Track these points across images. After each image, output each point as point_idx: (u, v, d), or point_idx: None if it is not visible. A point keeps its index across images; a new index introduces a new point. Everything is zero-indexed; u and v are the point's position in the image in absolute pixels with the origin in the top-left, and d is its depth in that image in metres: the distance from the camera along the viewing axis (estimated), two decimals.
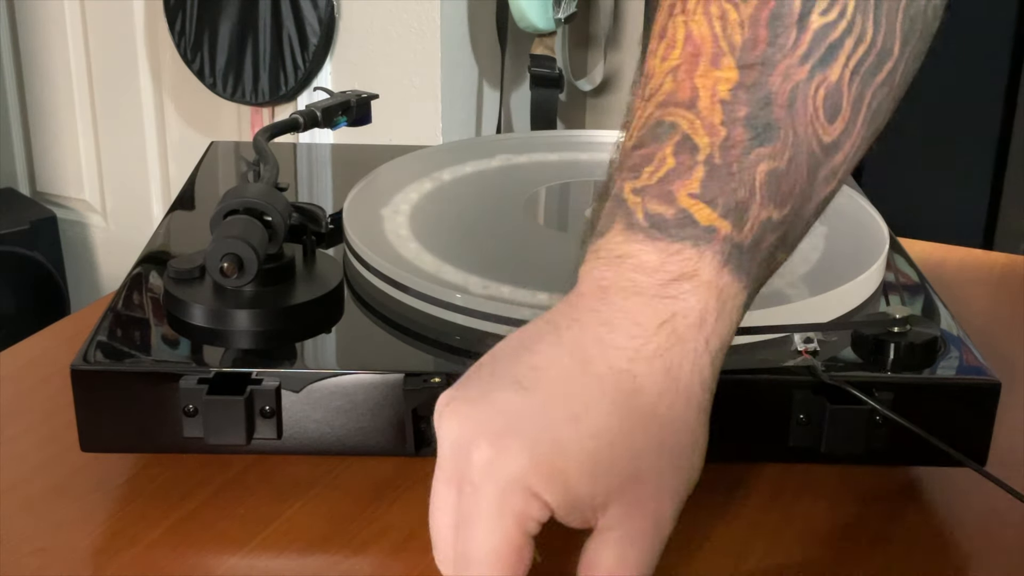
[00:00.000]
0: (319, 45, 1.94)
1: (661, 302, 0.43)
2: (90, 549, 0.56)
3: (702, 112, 0.43)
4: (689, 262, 0.43)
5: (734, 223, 0.43)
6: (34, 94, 2.41)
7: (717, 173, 0.43)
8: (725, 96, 0.43)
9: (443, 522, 0.43)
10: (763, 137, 0.43)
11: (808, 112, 0.44)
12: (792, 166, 0.44)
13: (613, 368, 0.42)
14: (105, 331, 0.61)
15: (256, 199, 0.63)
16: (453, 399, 0.43)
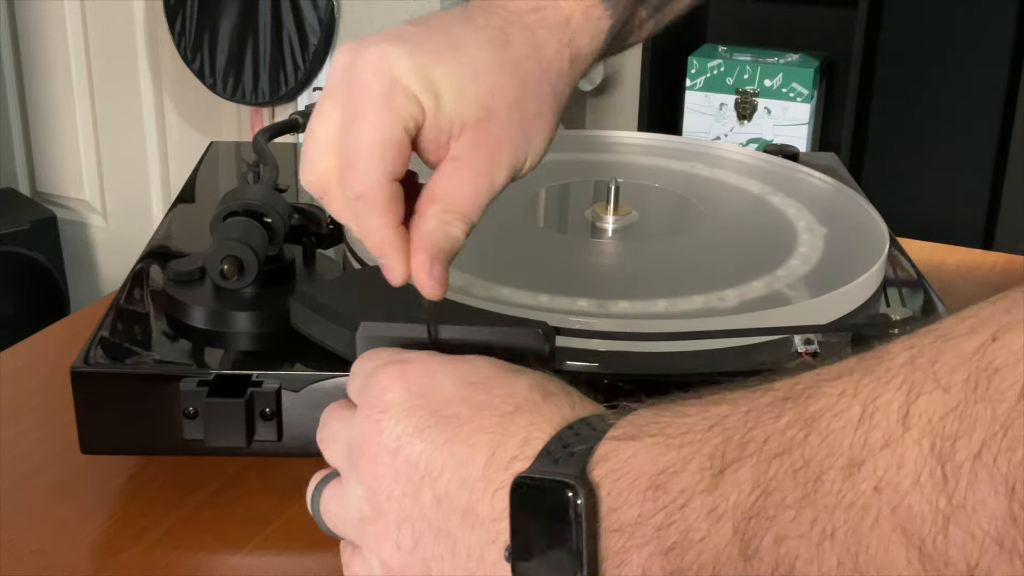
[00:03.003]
0: (319, 45, 1.94)
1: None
2: (90, 549, 0.56)
3: None
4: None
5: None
6: (34, 94, 2.42)
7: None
8: None
9: (322, 135, 0.47)
10: None
11: None
12: None
13: (490, 24, 0.49)
14: (105, 332, 0.61)
15: (256, 201, 0.63)
16: (345, 43, 0.48)
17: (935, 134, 1.91)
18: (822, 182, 0.81)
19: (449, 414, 0.42)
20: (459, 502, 0.40)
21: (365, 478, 0.43)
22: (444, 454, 0.41)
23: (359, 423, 0.43)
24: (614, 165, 0.83)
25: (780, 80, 1.89)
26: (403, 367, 0.44)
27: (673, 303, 0.63)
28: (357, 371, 0.46)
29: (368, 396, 0.44)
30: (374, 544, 0.43)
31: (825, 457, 0.32)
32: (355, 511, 0.43)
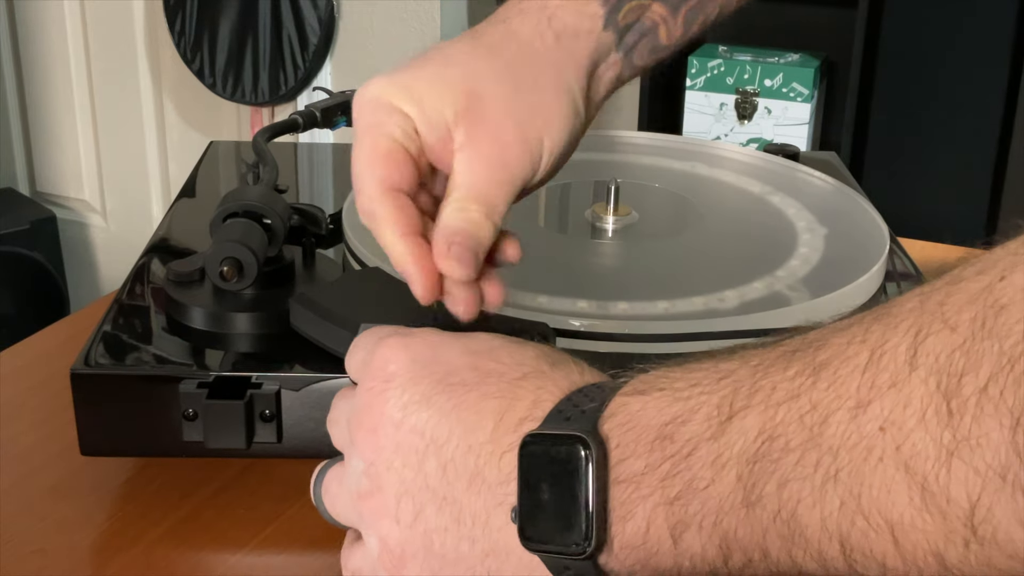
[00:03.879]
0: (319, 45, 1.94)
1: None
2: (90, 549, 0.56)
3: None
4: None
5: None
6: (34, 94, 2.42)
7: None
8: None
9: None
10: None
11: None
12: None
13: (465, 33, 0.51)
14: (105, 334, 0.61)
15: (255, 202, 0.63)
16: None
17: (935, 134, 1.91)
18: (822, 182, 0.81)
19: (455, 381, 0.41)
20: (465, 467, 0.40)
21: (364, 450, 0.42)
22: (451, 420, 0.40)
23: (362, 396, 0.43)
24: (614, 165, 0.83)
25: (780, 80, 1.89)
26: (406, 339, 0.44)
27: (673, 304, 0.63)
28: (358, 345, 0.46)
29: (371, 369, 0.43)
30: (372, 521, 0.42)
31: (832, 400, 0.32)
32: (353, 487, 0.43)
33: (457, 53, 0.50)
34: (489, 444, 0.40)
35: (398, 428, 0.41)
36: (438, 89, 0.48)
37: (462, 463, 0.40)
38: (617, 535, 0.37)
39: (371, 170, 0.48)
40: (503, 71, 0.50)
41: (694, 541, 0.35)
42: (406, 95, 0.48)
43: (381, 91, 0.49)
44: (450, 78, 0.49)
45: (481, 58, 0.50)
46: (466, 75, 0.49)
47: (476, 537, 0.40)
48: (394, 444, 0.41)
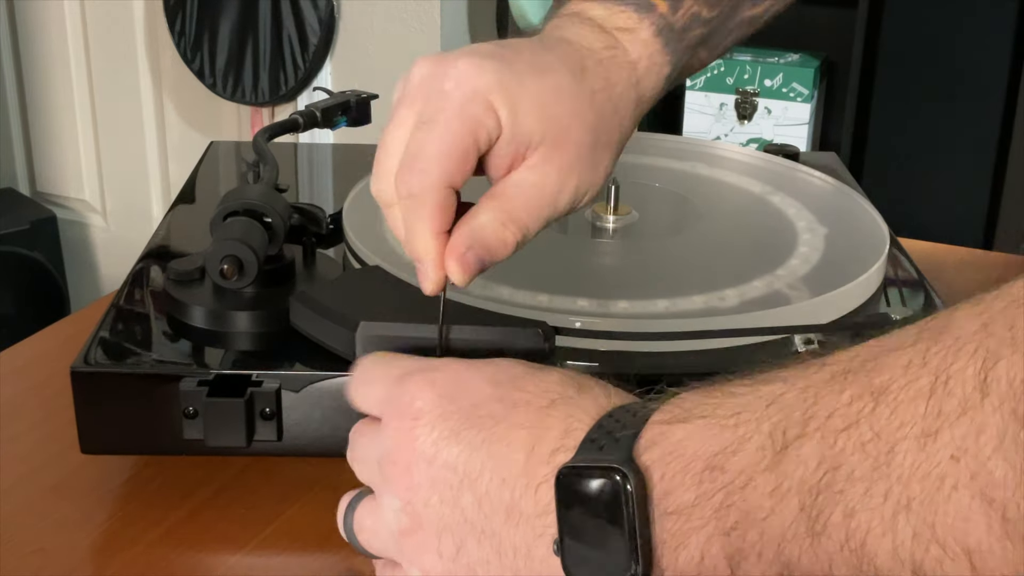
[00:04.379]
0: (319, 45, 1.94)
1: (608, 36, 0.52)
2: (90, 549, 0.56)
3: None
4: (630, 21, 0.53)
5: (671, 6, 0.53)
6: (34, 94, 2.41)
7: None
8: None
9: (395, 141, 0.48)
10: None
11: None
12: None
13: (569, 55, 0.50)
14: (105, 332, 0.61)
15: (256, 201, 0.63)
16: (424, 57, 0.49)
17: (935, 134, 1.91)
18: (822, 182, 0.81)
19: (483, 414, 0.41)
20: (501, 501, 0.40)
21: (400, 489, 0.42)
22: (482, 454, 0.41)
23: (390, 435, 0.43)
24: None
25: (780, 80, 1.89)
26: (431, 374, 0.44)
27: (673, 303, 0.63)
28: (375, 379, 0.46)
29: (397, 406, 0.43)
30: (414, 556, 0.42)
31: (896, 428, 0.32)
32: (392, 524, 0.43)
33: (569, 86, 0.49)
34: (523, 477, 0.40)
35: (431, 464, 0.41)
36: (540, 111, 0.48)
37: (497, 496, 0.40)
38: (669, 566, 0.36)
39: (443, 162, 0.46)
40: (593, 125, 0.50)
41: (753, 570, 0.35)
42: (508, 102, 0.47)
43: (489, 85, 0.47)
44: (557, 111, 0.48)
45: (584, 102, 0.49)
46: (570, 112, 0.49)
47: (519, 569, 0.40)
48: (429, 481, 0.41)
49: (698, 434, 0.37)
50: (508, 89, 0.47)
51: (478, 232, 0.47)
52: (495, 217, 0.47)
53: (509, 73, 0.47)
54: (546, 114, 0.48)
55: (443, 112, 0.46)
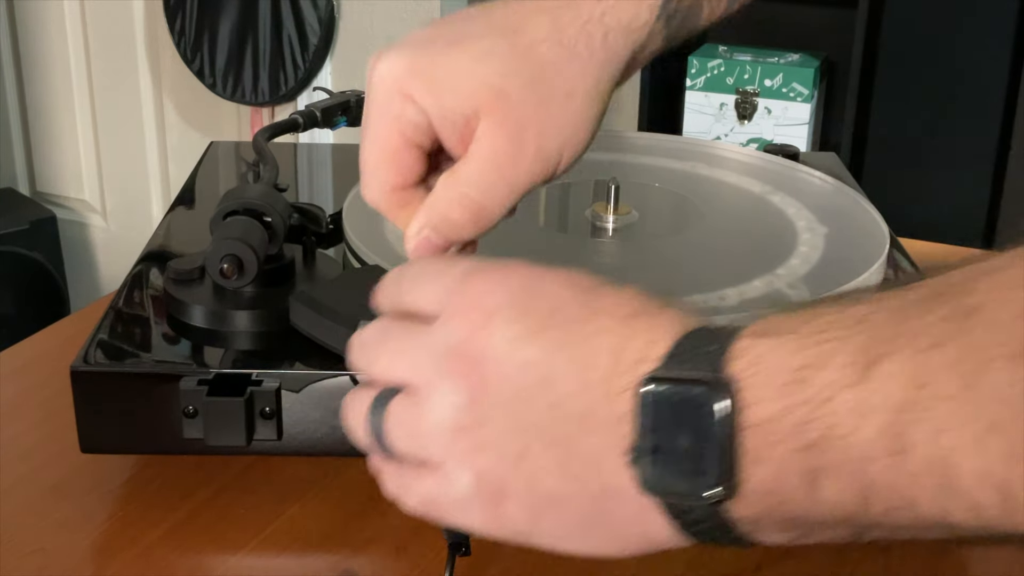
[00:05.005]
0: (319, 45, 1.94)
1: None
2: (90, 549, 0.56)
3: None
4: None
5: None
6: (34, 94, 2.42)
7: None
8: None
9: None
10: None
11: None
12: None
13: (507, 15, 0.48)
14: (105, 332, 0.61)
15: (256, 200, 0.63)
16: None
17: (935, 134, 1.91)
18: (822, 182, 0.81)
19: (563, 317, 0.40)
20: (577, 406, 0.38)
21: (466, 385, 0.40)
22: (562, 357, 0.39)
23: (456, 329, 0.41)
24: (614, 165, 0.83)
25: (780, 80, 1.89)
26: (503, 272, 0.42)
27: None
28: (432, 273, 0.43)
29: (465, 300, 0.41)
30: (468, 456, 0.40)
31: (989, 347, 0.31)
32: (446, 421, 0.40)
33: (493, 46, 0.47)
34: (604, 384, 0.38)
35: (504, 362, 0.39)
36: (465, 84, 0.46)
37: (574, 402, 0.38)
38: (745, 481, 0.35)
39: (377, 172, 0.48)
40: (538, 77, 0.47)
41: (831, 488, 0.34)
42: (427, 87, 0.46)
43: (400, 76, 0.47)
44: (481, 75, 0.46)
45: (518, 58, 0.47)
46: (499, 73, 0.46)
47: (586, 479, 0.38)
48: (500, 379, 0.39)
49: (783, 348, 0.36)
50: (422, 73, 0.46)
51: (430, 211, 0.48)
52: (446, 196, 0.47)
53: (423, 56, 0.47)
54: (469, 84, 0.46)
55: (368, 117, 0.48)
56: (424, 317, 0.42)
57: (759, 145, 1.07)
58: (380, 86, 0.47)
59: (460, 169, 0.47)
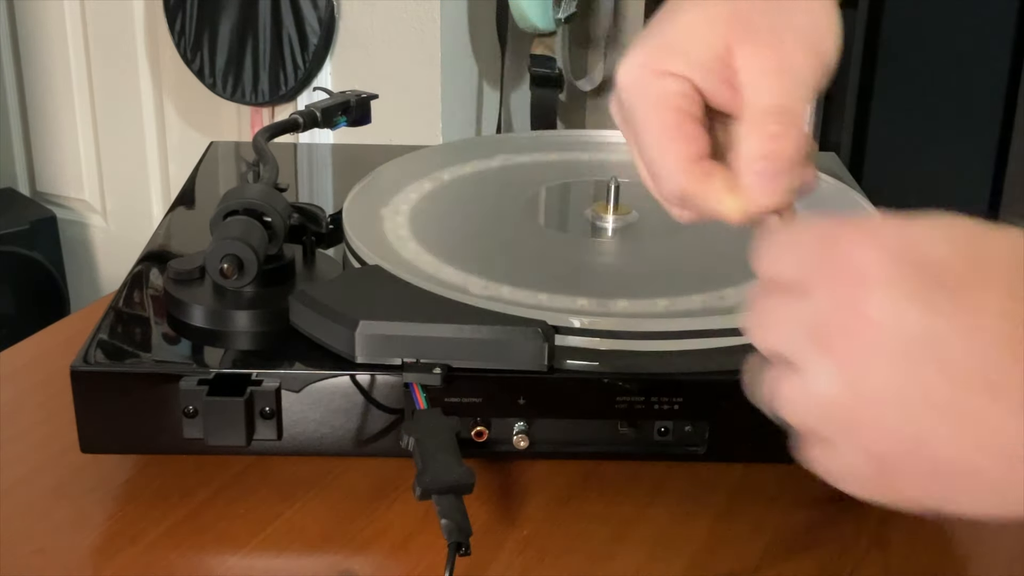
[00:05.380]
0: (319, 45, 1.94)
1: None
2: (90, 549, 0.56)
3: None
4: None
5: None
6: (34, 94, 2.41)
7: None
8: None
9: (636, 159, 0.50)
10: None
11: None
12: None
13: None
14: (105, 332, 0.61)
15: (256, 200, 0.63)
16: None
17: (935, 134, 1.91)
18: (822, 182, 0.81)
19: (947, 276, 0.37)
20: (975, 370, 0.36)
21: (846, 359, 0.38)
22: (952, 321, 0.36)
23: (825, 298, 0.38)
24: (614, 165, 0.83)
25: None
26: (873, 230, 0.39)
27: (673, 302, 0.63)
28: (793, 240, 0.42)
29: (833, 267, 0.39)
30: (855, 436, 0.38)
31: None
32: (822, 395, 0.38)
33: (711, 4, 0.47)
34: (1007, 345, 0.36)
35: (882, 330, 0.37)
36: (701, 32, 0.46)
37: (971, 366, 0.36)
38: None
39: (668, 152, 0.47)
40: (767, 3, 0.47)
41: None
42: (669, 54, 0.47)
43: (644, 61, 0.47)
44: (711, 16, 0.46)
45: None
46: (730, 9, 0.47)
47: (988, 446, 0.36)
48: (878, 348, 0.37)
49: None
50: (658, 47, 0.47)
51: (747, 155, 0.46)
52: (748, 128, 0.46)
53: (652, 37, 0.47)
54: (707, 29, 0.46)
55: (635, 119, 0.47)
56: (795, 287, 0.40)
57: None
58: (629, 80, 0.47)
59: (747, 103, 0.46)
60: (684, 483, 0.61)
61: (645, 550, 0.57)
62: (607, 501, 0.60)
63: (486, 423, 0.59)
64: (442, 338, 0.53)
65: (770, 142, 0.46)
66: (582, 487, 0.61)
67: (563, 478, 0.61)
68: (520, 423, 0.59)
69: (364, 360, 0.56)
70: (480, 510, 0.59)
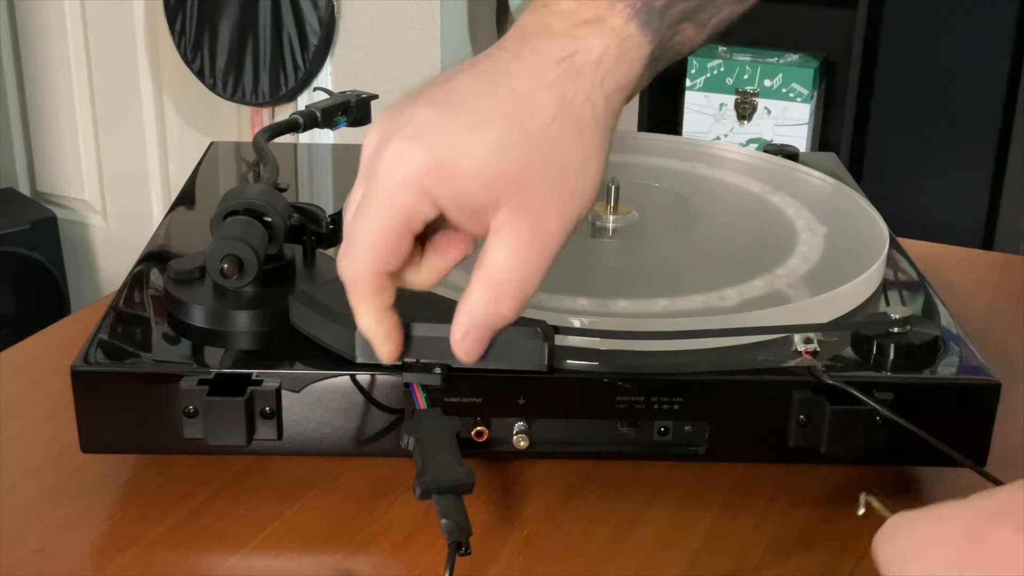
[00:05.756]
0: (319, 45, 1.94)
1: (567, 40, 0.49)
2: (90, 549, 0.56)
3: None
4: (600, 10, 0.49)
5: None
6: (34, 94, 2.42)
7: None
8: None
9: (349, 216, 0.50)
10: None
11: None
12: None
13: (514, 91, 0.48)
14: (105, 332, 0.61)
15: (256, 200, 0.63)
16: (381, 117, 0.49)
17: (935, 134, 1.91)
18: (822, 182, 0.81)
19: None
20: None
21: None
22: None
23: None
24: (614, 165, 0.83)
25: (780, 80, 1.89)
26: None
27: (673, 302, 0.63)
28: (934, 538, 0.39)
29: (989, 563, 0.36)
30: None
31: None
32: None
33: (507, 134, 0.47)
34: None
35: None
36: (485, 178, 0.47)
37: None
38: None
39: (370, 251, 0.48)
40: (553, 158, 0.48)
41: None
42: (446, 183, 0.47)
43: (418, 171, 0.47)
44: (499, 167, 0.47)
45: (533, 144, 0.47)
46: (517, 165, 0.47)
47: None
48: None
49: None
50: (442, 166, 0.47)
51: (473, 315, 0.49)
52: (486, 296, 0.49)
53: (441, 147, 0.47)
54: (492, 175, 0.47)
55: (375, 200, 0.48)
56: None
57: (759, 145, 1.07)
58: (396, 176, 0.47)
59: (492, 264, 0.48)
60: (684, 483, 0.61)
61: (645, 550, 0.57)
62: (607, 501, 0.60)
63: (486, 423, 0.59)
64: (442, 338, 0.53)
65: (497, 319, 0.49)
66: (582, 487, 0.61)
67: (563, 478, 0.61)
68: (520, 423, 0.59)
69: (364, 360, 0.56)
70: (480, 510, 0.59)
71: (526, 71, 0.48)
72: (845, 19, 1.84)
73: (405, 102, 0.49)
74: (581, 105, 0.48)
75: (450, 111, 0.48)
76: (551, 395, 0.58)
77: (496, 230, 0.48)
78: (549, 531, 0.58)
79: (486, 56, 0.50)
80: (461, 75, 0.49)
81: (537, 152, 0.47)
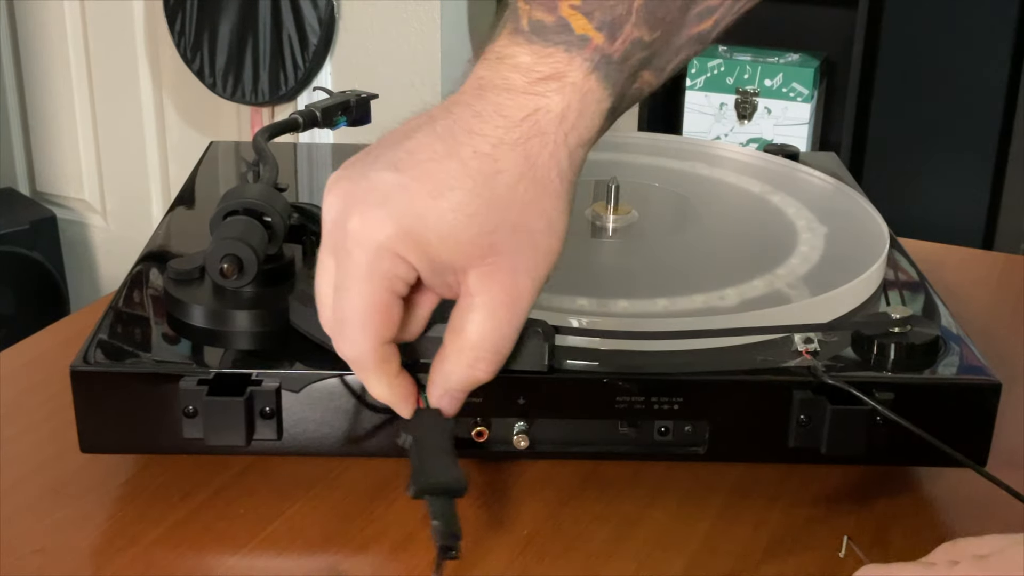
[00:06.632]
0: (319, 45, 1.94)
1: (528, 98, 0.48)
2: (90, 549, 0.56)
3: None
4: (559, 64, 0.48)
5: (607, 36, 0.48)
6: (34, 94, 2.41)
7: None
8: None
9: (323, 287, 0.50)
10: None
11: None
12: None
13: (478, 153, 0.47)
14: (105, 332, 0.61)
15: (256, 200, 0.63)
16: (338, 179, 0.48)
17: (935, 134, 1.91)
18: (822, 181, 0.81)
19: None
20: None
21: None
22: None
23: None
24: (614, 165, 0.83)
25: (780, 80, 1.89)
26: None
27: (673, 302, 0.63)
28: None
29: None
30: None
31: None
32: None
33: (474, 199, 0.46)
34: None
35: None
36: (451, 243, 0.47)
37: None
38: None
39: (365, 327, 0.48)
40: (520, 222, 0.47)
41: None
42: (415, 247, 0.47)
43: (389, 239, 0.46)
44: (469, 233, 0.47)
45: (500, 207, 0.47)
46: (486, 231, 0.47)
47: None
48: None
49: None
50: (411, 234, 0.47)
51: (450, 380, 0.50)
52: (461, 360, 0.49)
53: (407, 216, 0.46)
54: (459, 240, 0.47)
55: (352, 278, 0.47)
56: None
57: (759, 145, 1.07)
58: (367, 248, 0.47)
59: (466, 330, 0.48)
60: (684, 483, 0.61)
61: (645, 550, 0.57)
62: (607, 501, 0.60)
63: (486, 423, 0.58)
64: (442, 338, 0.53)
65: (472, 382, 0.50)
66: (582, 487, 0.61)
67: (563, 478, 0.61)
68: (520, 423, 0.59)
69: None
70: (481, 510, 0.59)
71: (489, 131, 0.47)
72: (845, 19, 1.84)
73: (364, 164, 0.48)
74: (546, 164, 0.48)
75: (413, 176, 0.47)
76: (551, 395, 0.58)
77: (467, 295, 0.48)
78: (549, 531, 0.58)
79: (444, 111, 0.48)
80: (419, 134, 0.48)
81: (504, 216, 0.47)
